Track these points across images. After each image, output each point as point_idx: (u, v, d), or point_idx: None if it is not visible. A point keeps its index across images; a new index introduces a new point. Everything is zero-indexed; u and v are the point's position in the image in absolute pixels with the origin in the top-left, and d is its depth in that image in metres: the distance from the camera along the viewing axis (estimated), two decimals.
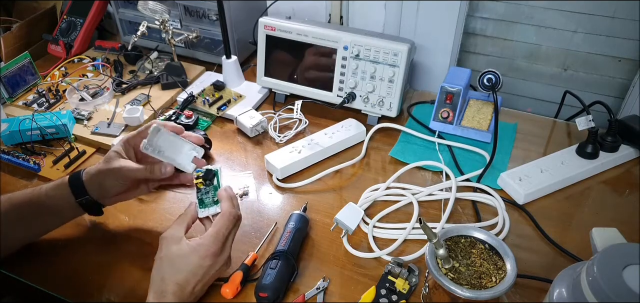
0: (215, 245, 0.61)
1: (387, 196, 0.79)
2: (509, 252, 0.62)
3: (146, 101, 1.02)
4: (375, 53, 0.90)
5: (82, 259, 0.71)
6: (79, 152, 0.90)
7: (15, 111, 1.01)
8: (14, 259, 0.70)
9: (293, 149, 0.87)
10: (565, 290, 0.50)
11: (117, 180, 0.67)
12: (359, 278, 0.67)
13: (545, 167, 0.81)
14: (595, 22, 0.99)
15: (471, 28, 1.11)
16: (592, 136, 0.82)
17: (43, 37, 1.21)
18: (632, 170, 0.84)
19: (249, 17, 1.12)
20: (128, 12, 1.19)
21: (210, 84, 1.05)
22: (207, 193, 0.68)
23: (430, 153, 0.88)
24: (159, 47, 1.18)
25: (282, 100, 1.04)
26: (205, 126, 0.98)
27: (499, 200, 0.77)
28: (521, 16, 1.05)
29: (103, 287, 0.67)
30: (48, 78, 1.10)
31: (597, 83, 1.06)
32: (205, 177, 0.68)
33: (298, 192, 0.82)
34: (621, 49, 1.00)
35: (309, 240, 0.73)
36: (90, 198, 0.68)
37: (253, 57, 1.19)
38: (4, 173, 0.87)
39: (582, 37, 1.02)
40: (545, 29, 1.04)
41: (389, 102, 0.93)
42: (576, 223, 0.75)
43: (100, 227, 0.76)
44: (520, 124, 0.95)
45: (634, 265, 0.45)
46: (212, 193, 0.68)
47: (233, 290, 0.64)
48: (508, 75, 1.13)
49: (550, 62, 1.08)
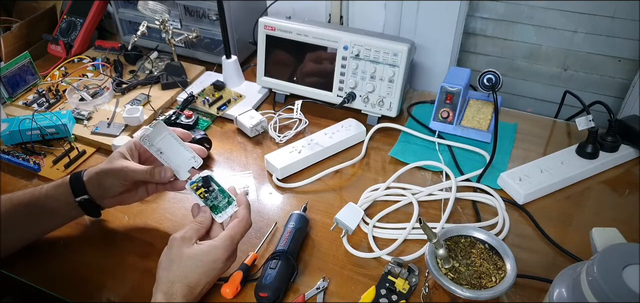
0: (230, 250, 0.62)
1: (387, 196, 0.79)
2: (509, 252, 0.62)
3: (146, 101, 1.02)
4: (375, 53, 0.90)
5: (83, 259, 0.71)
6: (79, 152, 0.90)
7: (15, 111, 1.01)
8: (14, 259, 0.70)
9: (293, 149, 0.87)
10: (565, 290, 0.50)
11: (117, 180, 0.67)
12: (359, 278, 0.67)
13: (545, 167, 0.81)
14: (595, 22, 0.99)
15: (471, 28, 1.11)
16: (592, 136, 0.82)
17: (43, 37, 1.21)
18: (632, 170, 0.84)
19: (249, 17, 1.12)
20: (128, 12, 1.19)
21: (210, 84, 1.05)
22: (216, 198, 0.68)
23: (430, 153, 0.88)
24: (159, 47, 1.18)
25: (282, 100, 1.04)
26: (205, 126, 0.98)
27: (499, 200, 0.77)
28: (521, 16, 1.05)
29: (103, 287, 0.67)
30: (48, 78, 1.10)
31: (597, 83, 1.06)
32: (205, 186, 0.69)
33: (298, 192, 0.82)
34: (621, 49, 1.00)
35: (309, 240, 0.73)
36: (89, 198, 0.68)
37: (253, 57, 1.19)
38: (4, 174, 0.87)
39: (582, 37, 1.02)
40: (545, 29, 1.04)
41: (389, 102, 0.93)
42: (576, 223, 0.75)
43: (101, 227, 0.76)
44: (520, 124, 0.95)
45: (634, 265, 0.45)
46: (221, 195, 0.68)
47: (233, 290, 0.64)
48: (508, 75, 1.13)
49: (550, 62, 1.08)
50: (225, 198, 0.68)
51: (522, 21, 1.05)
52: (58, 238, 0.73)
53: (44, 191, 0.68)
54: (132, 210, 0.78)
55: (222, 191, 0.68)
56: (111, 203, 0.71)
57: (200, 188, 0.68)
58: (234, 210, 0.66)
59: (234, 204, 0.67)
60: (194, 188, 0.68)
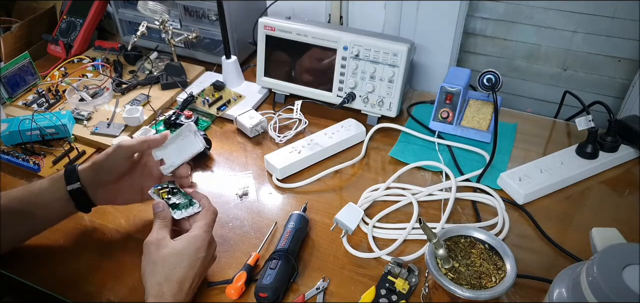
0: (208, 236, 0.63)
1: (387, 196, 0.79)
2: (508, 252, 0.62)
3: (146, 101, 1.02)
4: (375, 53, 0.90)
5: (82, 259, 0.71)
6: (79, 152, 0.90)
7: (15, 111, 1.01)
8: (14, 259, 0.70)
9: (293, 149, 0.87)
10: (565, 290, 0.50)
11: (115, 160, 0.67)
12: (358, 278, 0.67)
13: (545, 167, 0.81)
14: (595, 22, 0.99)
15: (471, 28, 1.11)
16: (592, 136, 0.82)
17: (43, 37, 1.21)
18: (632, 170, 0.84)
19: (248, 17, 1.12)
20: (128, 12, 1.19)
21: (210, 84, 1.05)
22: (178, 200, 0.69)
23: (430, 154, 0.88)
24: (158, 47, 1.18)
25: (281, 100, 1.04)
26: (205, 126, 0.98)
27: (499, 200, 0.77)
28: (521, 16, 1.05)
29: (103, 287, 0.67)
30: (48, 78, 1.10)
31: (597, 83, 1.06)
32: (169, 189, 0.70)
33: (298, 192, 0.82)
34: (621, 49, 1.00)
35: (309, 240, 0.73)
36: (81, 188, 0.67)
37: (253, 57, 1.19)
38: (4, 174, 0.87)
39: (582, 37, 1.02)
40: (545, 29, 1.04)
41: (388, 102, 0.93)
42: (576, 223, 0.75)
43: (100, 227, 0.76)
44: (520, 124, 0.95)
45: (634, 265, 0.45)
46: (184, 198, 0.69)
47: (238, 290, 0.64)
48: (508, 75, 1.13)
49: (550, 62, 1.08)
50: (187, 200, 0.69)
51: (522, 21, 1.05)
52: (58, 238, 0.73)
53: (38, 184, 0.68)
54: (132, 210, 0.78)
55: (185, 195, 0.70)
56: (104, 196, 0.71)
57: (164, 189, 0.70)
58: (195, 210, 0.67)
59: (196, 206, 0.68)
60: (156, 193, 0.69)
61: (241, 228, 0.75)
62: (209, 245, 0.63)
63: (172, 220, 0.66)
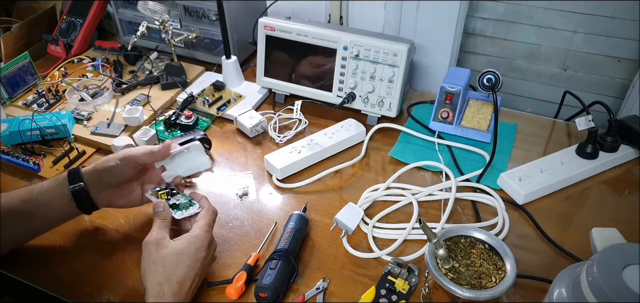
0: (208, 236, 0.63)
1: (387, 196, 0.79)
2: (508, 252, 0.62)
3: (146, 101, 1.02)
4: (375, 53, 0.90)
5: (82, 259, 0.71)
6: (79, 152, 0.90)
7: (15, 111, 1.01)
8: (14, 259, 0.70)
9: (293, 149, 0.87)
10: (565, 290, 0.50)
11: (120, 169, 0.68)
12: (358, 278, 0.67)
13: (545, 167, 0.81)
14: (595, 22, 0.99)
15: (471, 28, 1.11)
16: (592, 136, 0.82)
17: (43, 37, 1.21)
18: (632, 170, 0.84)
19: (248, 17, 1.12)
20: (128, 12, 1.19)
21: (210, 84, 1.05)
22: (178, 200, 0.69)
23: (430, 154, 0.88)
24: (158, 48, 1.18)
25: (281, 100, 1.04)
26: (205, 126, 0.98)
27: (499, 200, 0.77)
28: (521, 16, 1.05)
29: (103, 287, 0.67)
30: (48, 78, 1.10)
31: (597, 83, 1.06)
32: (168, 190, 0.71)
33: (298, 192, 0.82)
34: (621, 49, 1.00)
35: (309, 240, 0.73)
36: (84, 188, 0.67)
37: (253, 57, 1.19)
38: (4, 174, 0.87)
39: (581, 37, 1.02)
40: (545, 29, 1.04)
41: (388, 102, 0.93)
42: (576, 223, 0.75)
43: (101, 228, 0.76)
44: (520, 124, 0.95)
45: (634, 265, 0.45)
46: (183, 198, 0.69)
47: (238, 291, 0.64)
48: (508, 75, 1.13)
49: (549, 62, 1.08)
50: (187, 200, 0.69)
51: (521, 21, 1.05)
52: (58, 238, 0.73)
53: (40, 185, 0.68)
54: (132, 210, 0.78)
55: (184, 195, 0.70)
56: (106, 199, 0.70)
57: (163, 191, 0.71)
58: (196, 210, 0.67)
59: (196, 206, 0.68)
60: (154, 194, 0.70)
61: (241, 228, 0.75)
62: (209, 245, 0.63)
63: (172, 220, 0.66)
